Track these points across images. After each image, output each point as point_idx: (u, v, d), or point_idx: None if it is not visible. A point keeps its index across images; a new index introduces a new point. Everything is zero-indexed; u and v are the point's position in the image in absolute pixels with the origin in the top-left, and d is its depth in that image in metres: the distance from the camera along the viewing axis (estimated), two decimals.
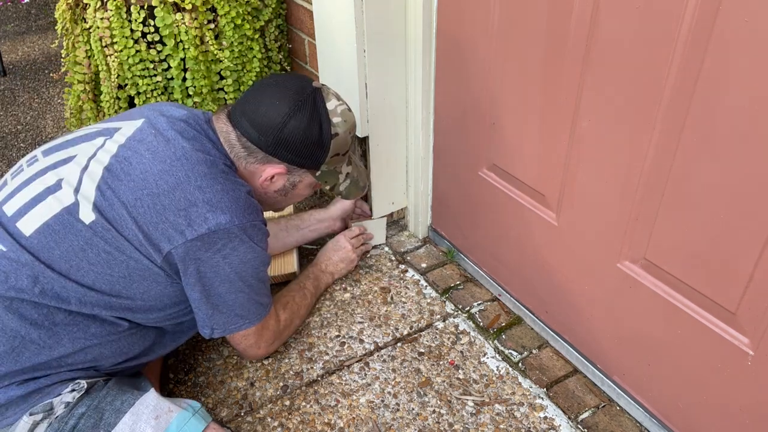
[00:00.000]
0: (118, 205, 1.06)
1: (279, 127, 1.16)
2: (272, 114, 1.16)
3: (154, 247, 1.07)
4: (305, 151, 1.20)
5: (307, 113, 1.17)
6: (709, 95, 0.93)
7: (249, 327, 1.23)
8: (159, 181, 1.07)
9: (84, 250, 1.05)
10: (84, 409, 1.05)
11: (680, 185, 1.02)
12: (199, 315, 1.17)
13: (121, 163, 1.09)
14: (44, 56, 3.18)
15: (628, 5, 0.99)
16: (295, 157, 1.20)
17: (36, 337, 1.03)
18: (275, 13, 1.82)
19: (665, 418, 1.22)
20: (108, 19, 1.58)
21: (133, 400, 1.08)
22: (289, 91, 1.17)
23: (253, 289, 1.19)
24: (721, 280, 1.01)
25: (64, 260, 1.04)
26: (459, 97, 1.47)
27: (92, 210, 1.06)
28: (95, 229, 1.05)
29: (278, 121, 1.15)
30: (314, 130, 1.18)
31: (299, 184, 1.27)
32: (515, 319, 1.53)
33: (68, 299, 1.05)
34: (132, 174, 1.08)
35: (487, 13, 1.29)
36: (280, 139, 1.17)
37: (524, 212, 1.39)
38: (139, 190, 1.07)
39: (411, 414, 1.30)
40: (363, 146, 1.82)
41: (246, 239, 1.12)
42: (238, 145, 1.18)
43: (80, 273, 1.05)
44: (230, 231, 1.09)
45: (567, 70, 1.15)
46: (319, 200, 2.01)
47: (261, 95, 1.18)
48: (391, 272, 1.68)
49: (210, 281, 1.12)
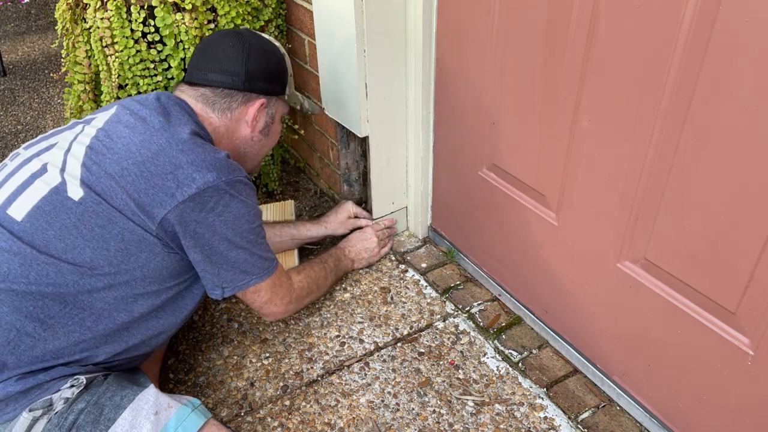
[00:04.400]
0: (106, 178, 1.08)
1: (244, 62, 1.25)
2: (233, 55, 1.25)
3: (147, 214, 1.08)
4: (273, 76, 1.31)
5: (258, 45, 1.28)
6: (709, 95, 0.93)
7: (258, 282, 1.24)
8: (142, 149, 1.10)
9: (77, 227, 1.06)
10: (83, 405, 1.05)
11: (680, 185, 1.02)
12: (206, 277, 1.19)
13: (102, 141, 1.12)
14: (44, 56, 3.18)
15: (628, 5, 0.99)
16: (268, 85, 1.30)
17: (31, 330, 1.04)
18: (275, 13, 1.82)
19: (665, 418, 1.22)
20: (108, 19, 1.58)
21: (132, 395, 1.08)
22: (230, 36, 1.28)
23: (252, 243, 1.21)
24: (721, 280, 1.01)
25: (59, 240, 1.05)
26: (459, 97, 1.47)
27: (80, 186, 1.07)
28: (85, 204, 1.06)
29: (242, 57, 1.25)
30: (271, 56, 1.30)
31: (276, 116, 1.36)
32: (515, 319, 1.53)
33: (65, 284, 1.05)
34: (114, 148, 1.11)
35: (488, 12, 1.29)
36: (251, 72, 1.26)
37: (524, 212, 1.39)
38: (123, 160, 1.09)
39: (411, 414, 1.30)
40: (363, 146, 1.82)
41: (236, 194, 1.14)
42: (218, 98, 1.26)
43: (76, 252, 1.06)
44: (219, 188, 1.11)
45: (567, 70, 1.15)
46: (319, 200, 2.01)
47: (211, 49, 1.28)
48: (391, 272, 1.68)
49: (208, 241, 1.14)
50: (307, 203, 2.00)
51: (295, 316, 1.55)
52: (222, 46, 1.26)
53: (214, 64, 1.25)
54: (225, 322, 1.55)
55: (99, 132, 1.15)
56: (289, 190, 2.08)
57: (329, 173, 1.95)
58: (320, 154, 1.97)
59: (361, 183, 1.89)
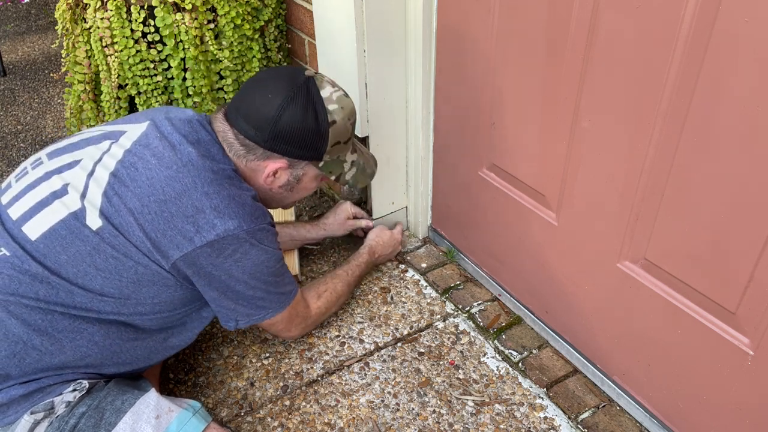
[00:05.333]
0: (125, 212, 1.05)
1: (274, 121, 1.13)
2: (266, 108, 1.13)
3: (162, 254, 1.06)
4: (304, 143, 1.17)
5: (301, 103, 1.14)
6: (709, 95, 0.93)
7: (273, 316, 1.23)
8: (166, 187, 1.06)
9: (92, 256, 1.04)
10: (85, 409, 1.04)
11: (680, 185, 1.02)
12: (221, 311, 1.18)
13: (127, 168, 1.08)
14: (44, 56, 3.17)
15: (628, 5, 0.99)
16: (295, 149, 1.17)
17: (38, 343, 1.03)
18: (275, 13, 1.82)
19: (665, 418, 1.22)
20: (108, 19, 1.58)
21: (133, 399, 1.08)
22: (281, 82, 1.15)
23: (270, 284, 1.19)
24: (721, 280, 1.01)
25: (71, 265, 1.04)
26: (459, 97, 1.47)
27: (99, 216, 1.05)
28: (102, 235, 1.04)
29: (272, 114, 1.13)
30: (310, 120, 1.15)
31: (303, 178, 1.24)
32: (515, 319, 1.53)
33: (74, 305, 1.04)
34: (138, 180, 1.07)
35: (488, 13, 1.29)
36: (277, 133, 1.14)
37: (524, 212, 1.39)
38: (145, 196, 1.06)
39: (411, 414, 1.30)
40: None
41: (256, 243, 1.12)
42: (237, 144, 1.16)
43: (87, 278, 1.04)
44: (239, 237, 1.09)
45: (567, 70, 1.15)
46: (319, 200, 2.01)
47: (254, 91, 1.16)
48: (391, 272, 1.68)
49: (224, 283, 1.13)
50: (307, 203, 2.00)
51: None
52: (264, 90, 1.15)
53: (247, 109, 1.15)
54: None
55: (126, 156, 1.10)
56: None
57: None
58: None
59: None
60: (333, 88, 1.20)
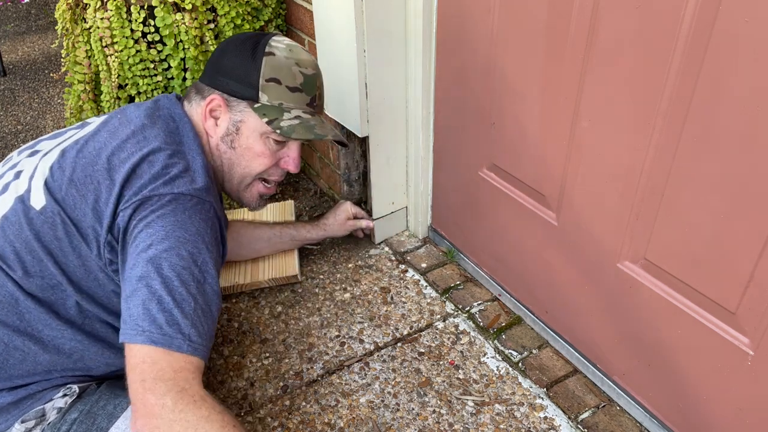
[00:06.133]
0: (67, 184, 1.01)
1: (217, 55, 1.16)
2: (218, 48, 1.17)
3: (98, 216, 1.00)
4: (237, 74, 1.13)
5: (247, 42, 1.15)
6: (709, 95, 0.93)
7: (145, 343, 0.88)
8: (111, 157, 1.03)
9: (38, 239, 1.00)
10: (77, 414, 1.01)
11: (680, 185, 1.02)
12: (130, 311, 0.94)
13: (77, 143, 1.06)
14: (44, 56, 3.18)
15: (628, 5, 0.99)
16: (230, 81, 1.13)
17: (20, 344, 1.00)
18: (275, 13, 1.82)
19: (665, 418, 1.22)
20: (108, 19, 1.58)
21: (126, 403, 1.04)
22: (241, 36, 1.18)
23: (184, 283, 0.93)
24: (721, 280, 1.01)
25: (26, 252, 1.00)
26: (459, 97, 1.47)
27: (43, 193, 1.01)
28: (45, 214, 1.00)
29: (217, 51, 1.16)
30: (247, 50, 1.13)
31: (242, 127, 1.15)
32: (515, 319, 1.53)
33: (60, 302, 1.01)
34: (85, 151, 1.04)
35: (488, 13, 1.29)
36: (215, 64, 1.15)
37: (524, 212, 1.39)
38: (89, 166, 1.02)
39: (411, 414, 1.30)
40: (363, 146, 1.82)
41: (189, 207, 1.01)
42: (193, 91, 1.17)
43: (42, 264, 1.00)
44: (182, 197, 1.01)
45: (567, 70, 1.15)
46: (319, 200, 2.01)
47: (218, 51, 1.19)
48: (391, 272, 1.68)
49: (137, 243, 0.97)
50: (307, 203, 2.00)
51: (295, 315, 1.55)
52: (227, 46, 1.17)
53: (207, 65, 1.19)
54: (225, 321, 1.55)
55: (82, 137, 1.08)
56: (288, 190, 2.08)
57: (329, 173, 1.95)
58: (320, 154, 1.97)
59: (361, 183, 1.89)
60: (293, 43, 1.19)
